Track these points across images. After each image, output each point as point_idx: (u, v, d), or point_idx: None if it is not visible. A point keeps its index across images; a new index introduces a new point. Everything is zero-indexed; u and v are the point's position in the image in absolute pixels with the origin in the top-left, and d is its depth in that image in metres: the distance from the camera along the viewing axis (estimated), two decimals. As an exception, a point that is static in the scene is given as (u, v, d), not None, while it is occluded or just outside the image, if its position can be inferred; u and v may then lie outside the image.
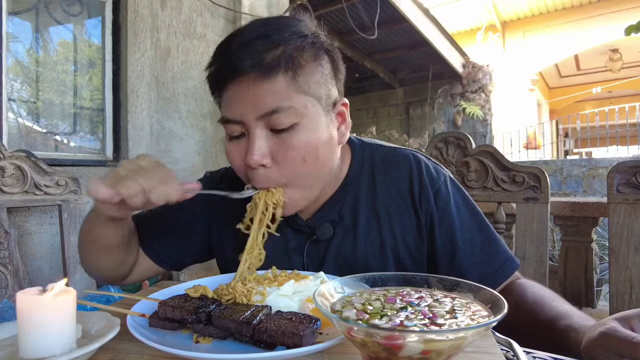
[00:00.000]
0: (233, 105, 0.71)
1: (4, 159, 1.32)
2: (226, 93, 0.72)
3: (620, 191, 1.25)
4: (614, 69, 9.26)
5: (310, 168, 0.73)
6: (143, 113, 2.53)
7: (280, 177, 0.72)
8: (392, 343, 0.35)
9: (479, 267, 0.80)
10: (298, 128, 0.70)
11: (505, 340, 0.59)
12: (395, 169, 0.85)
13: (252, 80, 0.68)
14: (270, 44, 0.69)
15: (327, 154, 0.76)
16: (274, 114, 0.68)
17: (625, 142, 8.38)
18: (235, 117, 0.71)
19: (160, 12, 2.64)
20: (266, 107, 0.68)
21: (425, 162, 0.86)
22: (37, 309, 0.50)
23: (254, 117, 0.69)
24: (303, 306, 0.60)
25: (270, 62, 0.68)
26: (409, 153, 0.88)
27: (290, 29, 0.71)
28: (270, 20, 0.74)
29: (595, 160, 6.32)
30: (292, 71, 0.69)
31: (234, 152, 0.74)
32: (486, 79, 7.66)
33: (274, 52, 0.68)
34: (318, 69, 0.73)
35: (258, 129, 0.70)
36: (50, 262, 1.91)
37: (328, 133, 0.75)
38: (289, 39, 0.70)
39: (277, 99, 0.68)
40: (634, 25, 2.46)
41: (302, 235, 0.85)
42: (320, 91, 0.73)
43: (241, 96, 0.69)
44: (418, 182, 0.83)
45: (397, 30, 6.26)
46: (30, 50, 2.23)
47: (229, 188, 0.91)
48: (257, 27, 0.72)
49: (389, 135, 6.71)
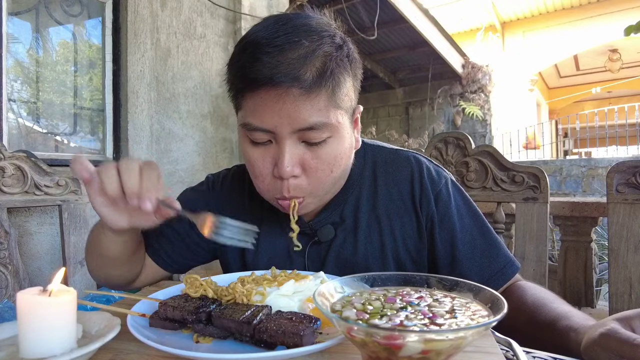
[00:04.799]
0: (265, 115, 0.67)
1: (4, 159, 1.32)
2: (255, 98, 0.68)
3: (619, 191, 1.25)
4: (613, 69, 9.27)
5: (334, 177, 0.74)
6: (143, 113, 2.53)
7: (308, 186, 0.72)
8: (392, 343, 0.35)
9: (479, 270, 0.80)
10: (329, 141, 0.70)
11: (505, 340, 0.59)
12: (397, 171, 0.85)
13: (292, 95, 0.65)
14: (315, 58, 0.66)
15: (349, 162, 0.78)
16: (311, 130, 0.67)
17: (625, 142, 8.39)
18: (266, 127, 0.68)
19: (160, 12, 2.65)
20: (304, 123, 0.67)
21: (427, 165, 0.86)
22: (38, 309, 0.50)
23: (289, 131, 0.67)
24: (303, 306, 0.60)
25: (316, 79, 0.65)
26: (411, 155, 0.87)
27: (327, 36, 0.68)
28: (303, 22, 0.69)
29: (594, 160, 6.33)
30: (332, 88, 0.68)
31: (258, 159, 0.72)
32: (486, 79, 7.66)
33: (317, 67, 0.66)
34: (349, 80, 0.72)
35: (291, 140, 0.68)
36: (51, 262, 1.91)
37: (350, 141, 0.76)
38: (330, 51, 0.68)
39: (316, 116, 0.67)
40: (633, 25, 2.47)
41: (303, 237, 0.84)
42: (349, 103, 0.73)
43: (277, 108, 0.66)
44: (419, 184, 0.83)
45: (396, 31, 6.26)
46: (30, 50, 2.23)
47: (228, 192, 0.92)
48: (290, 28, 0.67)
49: (389, 136, 6.71)
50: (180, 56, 2.75)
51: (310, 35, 0.67)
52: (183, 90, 2.77)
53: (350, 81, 0.73)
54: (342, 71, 0.70)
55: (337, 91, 0.69)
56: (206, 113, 2.88)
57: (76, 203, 1.48)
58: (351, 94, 0.74)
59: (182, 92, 2.77)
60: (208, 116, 2.89)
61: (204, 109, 2.88)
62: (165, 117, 2.67)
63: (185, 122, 2.78)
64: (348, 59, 0.72)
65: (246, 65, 0.67)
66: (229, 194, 0.92)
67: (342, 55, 0.70)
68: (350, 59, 0.72)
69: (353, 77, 0.74)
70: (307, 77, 0.65)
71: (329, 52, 0.67)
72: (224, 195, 0.92)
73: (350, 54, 0.73)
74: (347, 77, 0.71)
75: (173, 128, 2.71)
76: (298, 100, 0.65)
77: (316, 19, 0.72)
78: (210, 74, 2.93)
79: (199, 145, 2.86)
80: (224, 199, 0.91)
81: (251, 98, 0.68)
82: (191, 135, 2.81)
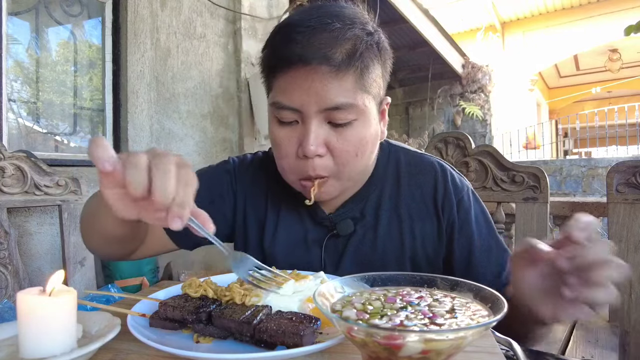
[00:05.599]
0: (294, 93, 0.70)
1: (4, 159, 1.32)
2: (287, 78, 0.70)
3: (619, 191, 1.25)
4: (613, 69, 9.27)
5: (359, 162, 0.75)
6: (143, 113, 2.53)
7: (333, 166, 0.73)
8: (392, 343, 0.35)
9: (493, 278, 0.81)
10: (355, 124, 0.72)
11: (505, 340, 0.59)
12: (421, 174, 0.86)
13: (321, 73, 0.67)
14: (345, 40, 0.68)
15: (374, 149, 0.79)
16: (337, 110, 0.69)
17: (625, 142, 8.38)
18: (294, 106, 0.70)
19: (160, 12, 2.64)
20: (331, 102, 0.68)
21: (451, 172, 0.87)
22: (38, 309, 0.50)
23: (316, 110, 0.69)
24: (303, 306, 0.60)
25: (345, 59, 0.67)
26: (435, 161, 0.89)
27: (359, 22, 0.71)
28: (338, 9, 0.73)
29: (594, 160, 6.32)
30: (360, 70, 0.69)
31: (285, 138, 0.73)
32: (486, 79, 7.66)
33: (347, 48, 0.68)
34: (378, 67, 0.74)
35: (317, 120, 0.70)
36: (50, 262, 1.91)
37: (376, 130, 0.77)
38: (361, 35, 0.70)
39: (343, 96, 0.69)
40: (633, 25, 2.47)
41: (322, 229, 0.85)
42: (377, 90, 0.75)
43: (305, 86, 0.68)
44: (443, 189, 0.84)
45: (396, 31, 6.26)
46: (30, 50, 2.23)
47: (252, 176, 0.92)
48: (325, 13, 0.70)
49: (389, 136, 6.69)
50: (180, 56, 2.75)
51: (342, 20, 0.69)
52: (183, 90, 2.77)
53: (379, 68, 0.74)
54: (372, 56, 0.71)
55: (366, 75, 0.70)
56: (206, 113, 2.88)
57: (76, 203, 1.48)
58: (379, 81, 0.75)
59: (182, 92, 2.77)
60: (208, 116, 2.89)
61: (204, 109, 2.88)
62: (165, 117, 2.67)
63: (185, 122, 2.78)
64: (378, 47, 0.73)
65: (280, 44, 0.70)
66: (251, 178, 0.92)
67: (372, 41, 0.72)
68: (380, 47, 0.74)
69: (382, 66, 0.75)
70: (336, 57, 0.67)
71: (359, 36, 0.69)
72: (248, 178, 0.92)
73: (381, 43, 0.74)
74: (376, 63, 0.73)
75: (173, 128, 2.71)
76: (326, 78, 0.67)
77: (350, 7, 0.75)
78: (210, 74, 2.93)
79: (199, 145, 2.86)
80: (247, 183, 0.91)
81: (282, 77, 0.71)
82: (191, 135, 2.81)
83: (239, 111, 3.06)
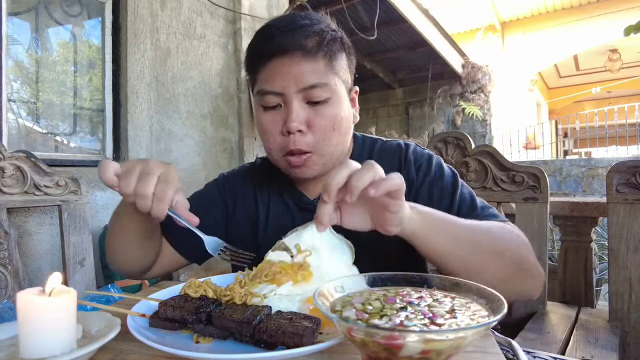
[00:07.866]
0: (276, 79, 0.82)
1: (4, 160, 1.32)
2: (268, 68, 0.83)
3: (619, 191, 1.25)
4: (613, 69, 9.27)
5: (336, 137, 0.85)
6: (143, 113, 2.53)
7: (313, 142, 0.84)
8: (392, 343, 0.35)
9: None
10: (330, 102, 0.83)
11: (505, 340, 0.59)
12: (390, 154, 0.96)
13: (297, 58, 0.80)
14: (313, 32, 0.83)
15: (348, 127, 0.90)
16: (313, 88, 0.81)
17: (625, 142, 8.39)
18: (277, 90, 0.82)
19: (160, 12, 2.65)
20: (307, 82, 0.81)
21: (414, 146, 0.97)
22: (38, 309, 0.50)
23: (295, 90, 0.81)
24: (303, 306, 0.60)
25: (315, 46, 0.81)
26: (402, 142, 0.99)
27: (324, 23, 0.87)
28: (306, 15, 0.89)
29: (594, 160, 6.32)
30: (329, 56, 0.83)
31: (270, 121, 0.84)
32: (485, 79, 7.66)
33: (316, 38, 0.82)
34: (343, 57, 0.87)
35: (297, 101, 0.81)
36: (50, 263, 1.91)
37: (349, 110, 0.89)
38: (326, 30, 0.84)
39: (317, 76, 0.81)
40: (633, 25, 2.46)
41: (307, 214, 0.91)
42: (345, 76, 0.88)
43: (285, 71, 0.81)
44: (404, 159, 0.94)
45: (396, 31, 6.26)
46: (30, 50, 2.23)
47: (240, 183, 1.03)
48: (296, 17, 0.86)
49: (389, 136, 6.71)
50: (180, 56, 2.76)
51: (311, 19, 0.86)
52: (183, 91, 2.77)
53: (345, 59, 0.88)
54: (337, 46, 0.85)
55: (334, 60, 0.84)
56: (206, 113, 2.89)
57: (76, 203, 1.48)
58: (346, 68, 0.89)
59: (182, 92, 2.77)
60: (208, 116, 2.89)
61: (204, 109, 2.88)
62: (165, 117, 2.67)
63: (185, 122, 2.78)
64: (342, 41, 0.88)
65: (262, 42, 0.85)
66: (240, 181, 1.04)
67: (337, 36, 0.86)
68: (343, 41, 0.88)
69: (347, 56, 0.89)
70: (308, 44, 0.81)
71: (325, 30, 0.85)
72: (236, 184, 1.04)
73: (344, 38, 0.89)
74: (342, 52, 0.87)
75: (173, 128, 2.71)
76: (302, 62, 0.80)
77: (316, 13, 0.90)
78: (210, 74, 2.93)
79: (199, 145, 2.86)
80: (235, 187, 1.04)
81: (264, 68, 0.83)
82: (191, 136, 2.81)
83: (239, 111, 3.06)
